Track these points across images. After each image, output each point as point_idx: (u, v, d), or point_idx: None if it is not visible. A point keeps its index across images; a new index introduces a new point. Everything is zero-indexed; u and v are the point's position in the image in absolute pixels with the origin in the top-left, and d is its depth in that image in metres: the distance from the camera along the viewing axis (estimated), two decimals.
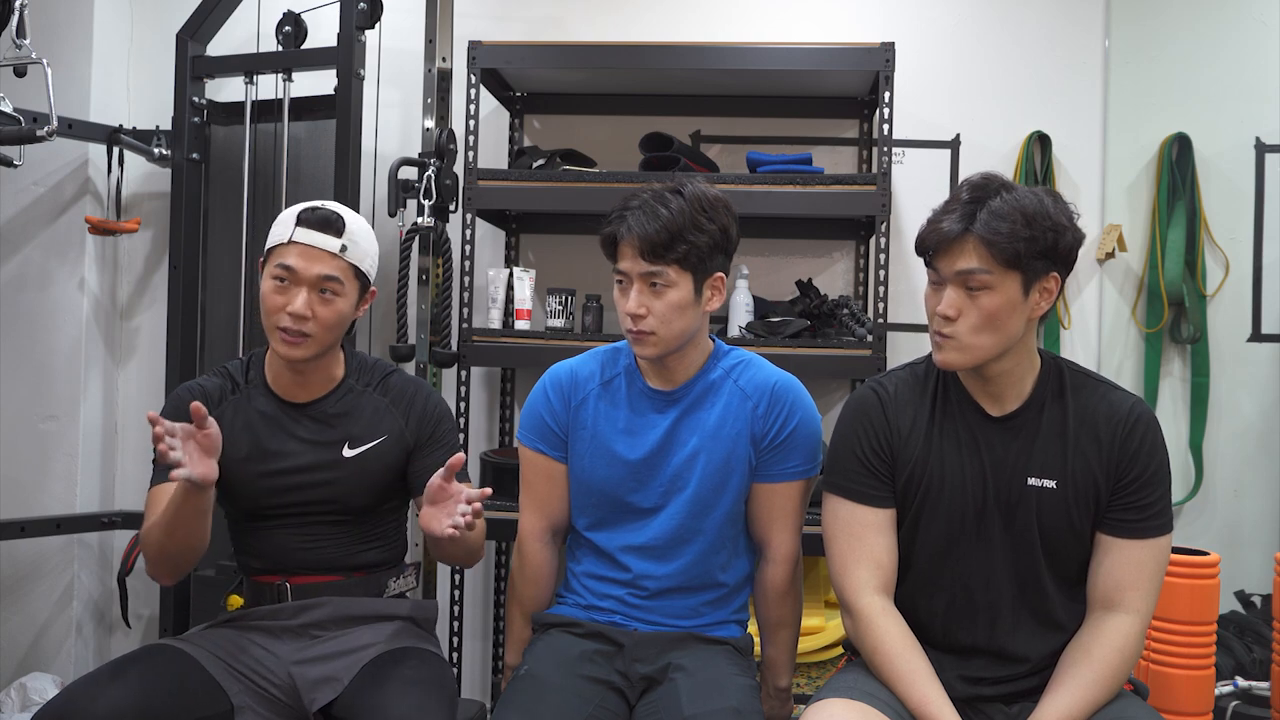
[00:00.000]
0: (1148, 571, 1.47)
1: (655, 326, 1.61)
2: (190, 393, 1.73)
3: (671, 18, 2.86)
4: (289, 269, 1.63)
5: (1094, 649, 1.45)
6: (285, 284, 1.64)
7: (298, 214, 1.66)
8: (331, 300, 1.65)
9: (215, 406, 1.71)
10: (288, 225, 1.66)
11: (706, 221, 1.60)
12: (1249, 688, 2.28)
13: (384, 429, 1.74)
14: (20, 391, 2.80)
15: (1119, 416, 1.49)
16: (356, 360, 1.80)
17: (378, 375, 1.79)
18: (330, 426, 1.72)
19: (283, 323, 1.63)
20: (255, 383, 1.76)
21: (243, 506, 1.73)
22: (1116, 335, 2.80)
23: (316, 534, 1.71)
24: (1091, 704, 1.42)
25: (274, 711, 1.62)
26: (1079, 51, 2.79)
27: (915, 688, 1.44)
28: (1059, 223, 1.41)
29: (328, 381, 1.74)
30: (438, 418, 1.78)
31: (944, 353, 1.48)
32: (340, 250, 1.66)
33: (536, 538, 1.78)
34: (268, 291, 1.65)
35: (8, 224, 2.80)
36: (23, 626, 2.81)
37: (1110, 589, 1.47)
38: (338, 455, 1.71)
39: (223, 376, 1.77)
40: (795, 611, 1.77)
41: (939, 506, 1.52)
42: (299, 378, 1.73)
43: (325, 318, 1.65)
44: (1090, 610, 1.50)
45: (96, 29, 2.80)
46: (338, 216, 1.67)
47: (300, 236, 1.64)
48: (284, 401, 1.73)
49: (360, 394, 1.75)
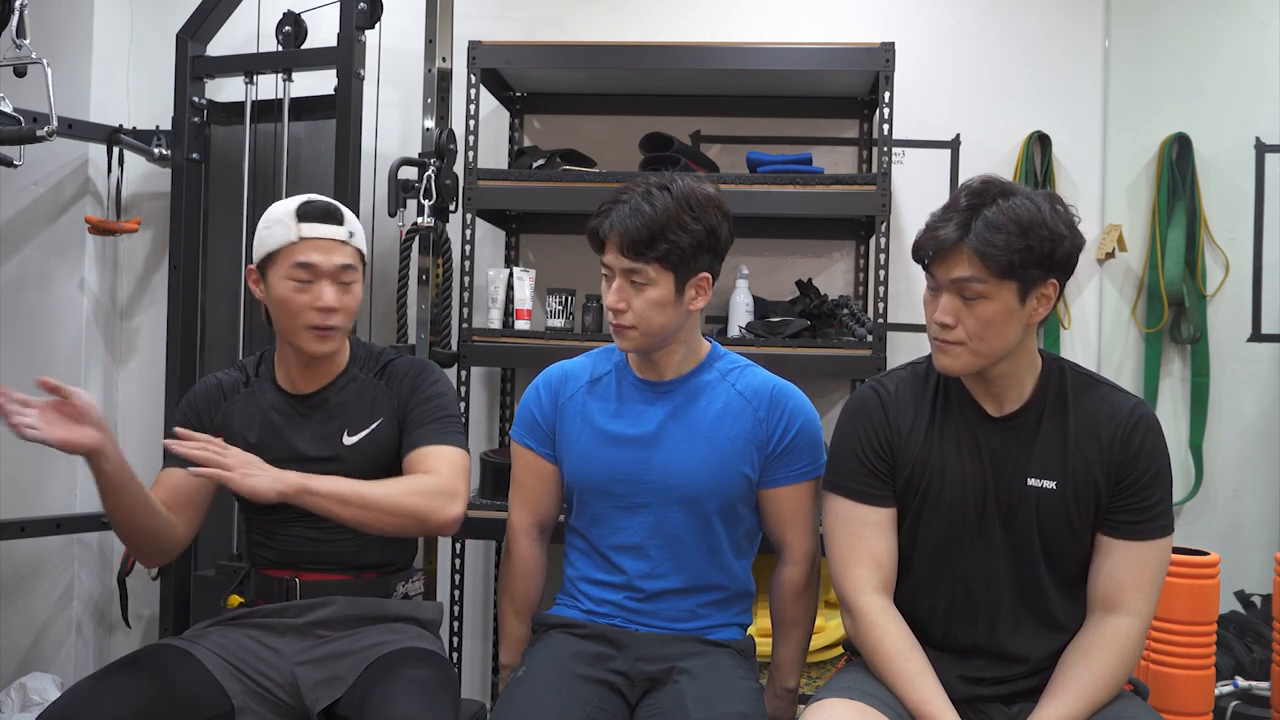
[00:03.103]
0: (1149, 573, 1.47)
1: (634, 321, 1.61)
2: (204, 386, 1.79)
3: (671, 18, 2.86)
4: (309, 265, 1.64)
5: (1094, 650, 1.45)
6: (308, 282, 1.64)
7: (295, 211, 1.66)
8: (350, 288, 1.68)
9: (228, 399, 1.77)
10: (288, 225, 1.65)
11: (691, 221, 1.58)
12: (1249, 688, 2.28)
13: (380, 412, 1.74)
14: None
15: (1120, 418, 1.48)
16: (363, 349, 1.81)
17: (380, 361, 1.80)
18: (332, 416, 1.73)
19: (313, 320, 1.65)
20: (265, 378, 1.78)
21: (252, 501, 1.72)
22: (1116, 335, 2.80)
23: (328, 526, 1.68)
24: (1091, 705, 1.42)
25: (275, 712, 1.62)
26: (1079, 51, 2.79)
27: (914, 687, 1.44)
28: (1056, 231, 1.40)
29: (332, 371, 1.76)
30: (429, 388, 1.75)
31: (943, 358, 1.48)
32: (349, 237, 1.69)
33: (525, 533, 1.79)
34: (288, 294, 1.64)
35: (8, 224, 2.80)
36: (23, 626, 2.81)
37: (1111, 590, 1.47)
38: (339, 444, 1.72)
39: (240, 370, 1.81)
40: (810, 612, 1.76)
41: (939, 506, 1.52)
42: (312, 371, 1.74)
43: (350, 306, 1.68)
44: (1090, 611, 1.50)
45: (96, 29, 2.80)
46: (335, 206, 1.70)
47: (309, 232, 1.65)
48: (290, 395, 1.75)
49: (362, 382, 1.77)
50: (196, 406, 1.77)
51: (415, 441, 1.71)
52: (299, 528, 1.71)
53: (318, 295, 1.64)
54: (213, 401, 1.77)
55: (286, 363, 1.76)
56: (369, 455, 1.72)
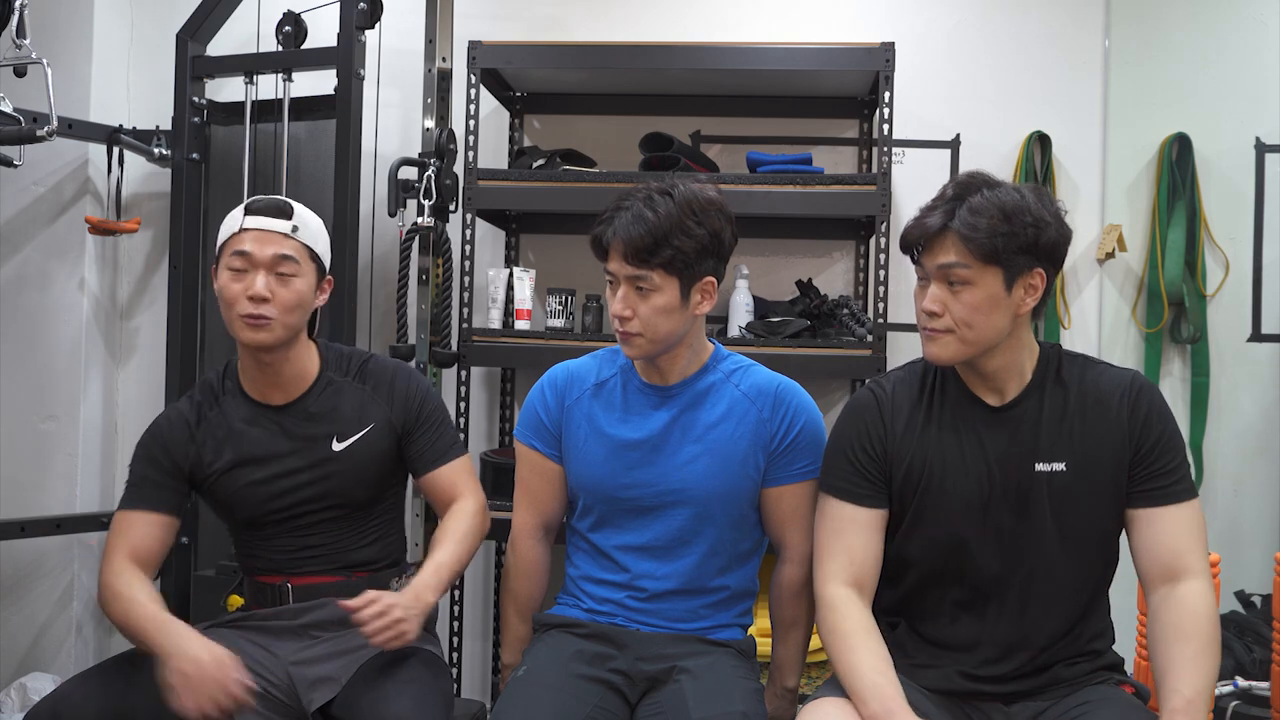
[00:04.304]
0: (1194, 532, 1.46)
1: (641, 328, 1.61)
2: (168, 421, 1.72)
3: (671, 18, 2.86)
4: (244, 254, 1.63)
5: (1183, 624, 1.41)
6: (242, 271, 1.63)
7: (245, 205, 1.68)
8: (289, 280, 1.64)
9: (195, 430, 1.71)
10: (236, 218, 1.67)
11: (695, 225, 1.57)
12: (1249, 688, 2.27)
13: (370, 417, 1.73)
14: (20, 391, 2.79)
15: (1122, 389, 1.50)
16: (332, 352, 1.78)
17: (355, 364, 1.78)
18: (315, 423, 1.71)
19: (244, 309, 1.62)
20: (231, 390, 1.74)
21: (241, 516, 1.72)
22: (1116, 335, 2.80)
23: (318, 532, 1.71)
24: (1208, 674, 1.38)
25: (272, 710, 1.62)
26: (1079, 51, 2.79)
27: (863, 662, 1.42)
28: (1040, 218, 1.42)
29: (303, 379, 1.73)
30: (420, 398, 1.77)
31: (931, 347, 1.49)
32: (292, 230, 1.66)
33: (529, 534, 1.79)
34: (225, 282, 1.64)
35: (8, 224, 2.80)
36: (23, 626, 2.81)
37: (1167, 559, 1.45)
38: (328, 451, 1.70)
39: (201, 392, 1.76)
40: (809, 612, 1.75)
41: (942, 502, 1.52)
42: (272, 376, 1.70)
43: (285, 298, 1.63)
44: (1153, 589, 1.46)
45: (96, 29, 2.80)
46: (285, 202, 1.68)
47: (251, 223, 1.64)
48: (263, 405, 1.72)
49: (340, 386, 1.74)
50: (169, 450, 1.69)
51: (430, 461, 1.77)
52: (286, 539, 1.71)
53: (250, 284, 1.62)
54: (182, 441, 1.70)
55: (248, 371, 1.72)
56: (358, 460, 1.71)
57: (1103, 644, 1.55)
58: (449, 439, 1.79)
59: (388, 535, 1.80)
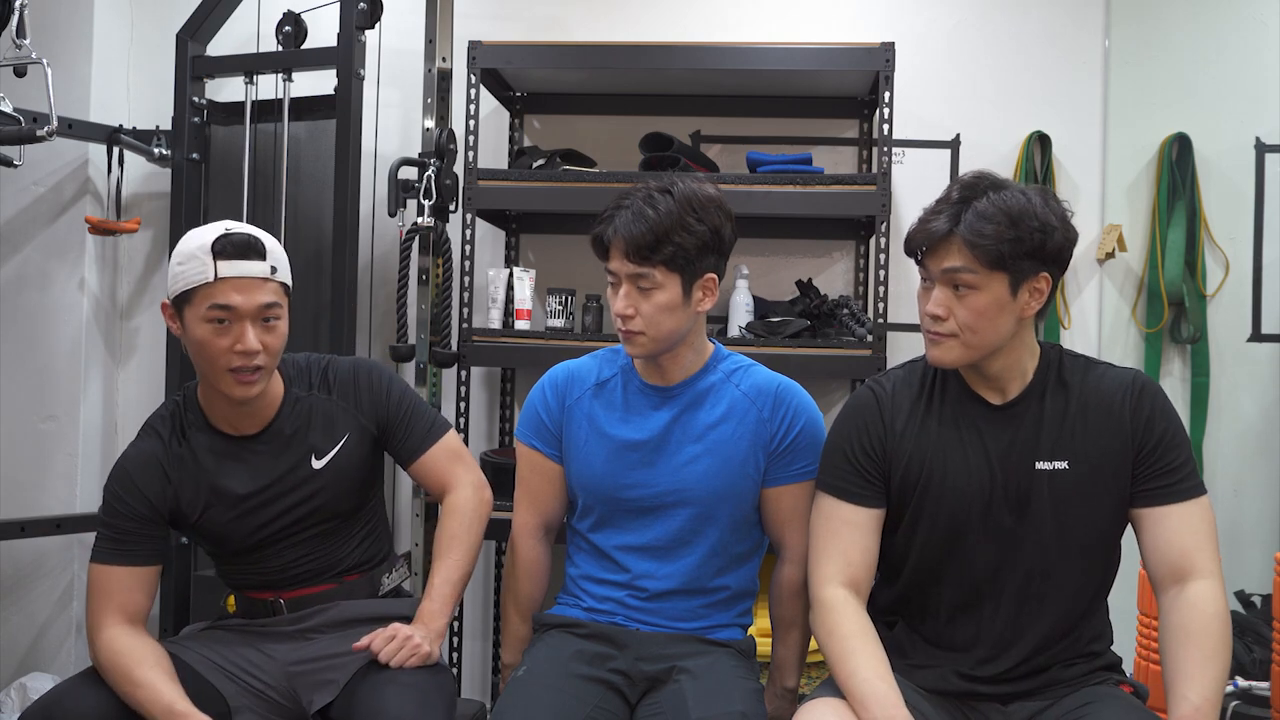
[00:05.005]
0: (1204, 531, 1.44)
1: (643, 327, 1.60)
2: (138, 465, 1.62)
3: (671, 18, 2.86)
4: (228, 308, 1.51)
5: (1191, 626, 1.40)
6: (225, 324, 1.52)
7: (210, 247, 1.50)
8: (275, 326, 1.56)
9: (169, 470, 1.62)
10: (204, 262, 1.50)
11: (695, 223, 1.58)
12: (1249, 688, 2.27)
13: (344, 428, 1.69)
14: (20, 391, 2.79)
15: (1125, 388, 1.49)
16: (293, 368, 1.71)
17: (316, 374, 1.71)
18: (291, 446, 1.66)
19: (234, 364, 1.52)
20: (196, 424, 1.65)
21: (230, 549, 1.68)
22: (1116, 335, 2.80)
23: (306, 547, 1.69)
24: (1217, 678, 1.37)
25: (272, 711, 1.62)
26: (1079, 51, 2.79)
27: (861, 664, 1.42)
28: (1047, 223, 1.41)
29: (273, 403, 1.65)
30: (385, 392, 1.73)
31: (934, 350, 1.48)
32: (271, 273, 1.55)
33: (530, 534, 1.79)
34: (206, 336, 1.52)
35: (8, 224, 2.80)
36: (23, 626, 2.81)
37: (1176, 559, 1.44)
38: (308, 470, 1.66)
39: (165, 429, 1.65)
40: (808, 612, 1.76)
41: (942, 501, 1.51)
42: (244, 410, 1.62)
43: (274, 346, 1.56)
44: (1163, 590, 1.45)
45: (96, 29, 2.80)
46: (253, 238, 1.54)
47: (227, 270, 1.50)
48: (234, 437, 1.65)
49: (307, 401, 1.68)
50: (145, 495, 1.61)
51: (412, 450, 1.74)
52: (275, 559, 1.68)
53: (239, 337, 1.51)
54: (156, 483, 1.62)
55: (217, 407, 1.63)
56: (339, 473, 1.68)
57: (1101, 645, 1.55)
58: (424, 424, 1.75)
59: (374, 533, 1.79)
